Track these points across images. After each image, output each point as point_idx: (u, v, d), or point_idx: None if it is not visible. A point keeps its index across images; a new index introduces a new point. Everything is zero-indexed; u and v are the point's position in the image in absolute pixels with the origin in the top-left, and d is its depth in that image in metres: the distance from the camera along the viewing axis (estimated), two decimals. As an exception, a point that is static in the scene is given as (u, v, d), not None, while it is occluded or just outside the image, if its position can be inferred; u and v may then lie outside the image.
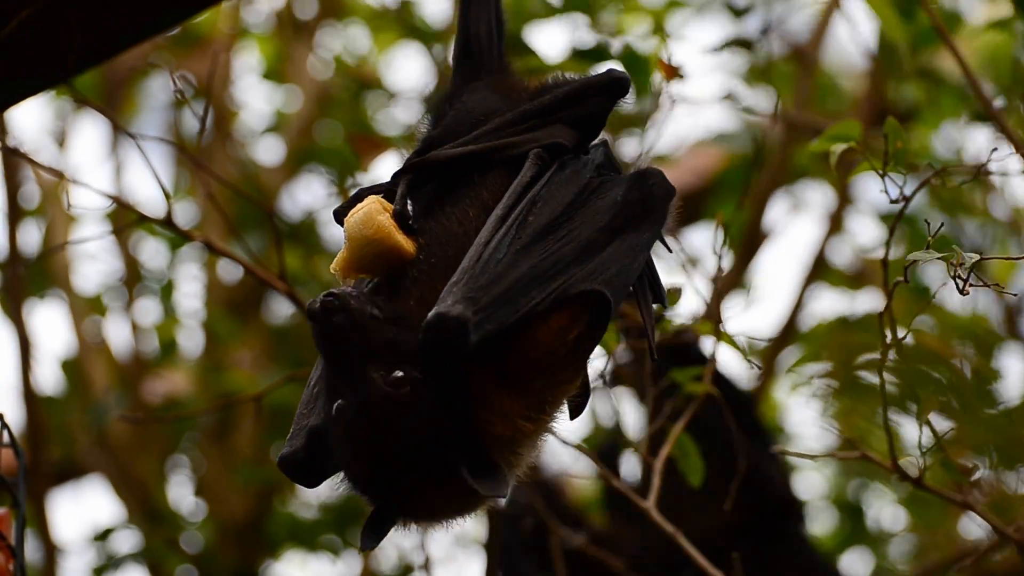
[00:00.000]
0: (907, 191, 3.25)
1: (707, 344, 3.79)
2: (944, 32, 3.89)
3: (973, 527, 5.81)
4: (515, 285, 2.71)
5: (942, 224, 3.11)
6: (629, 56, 4.27)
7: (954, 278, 2.89)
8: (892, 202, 3.26)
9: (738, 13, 4.73)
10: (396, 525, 2.75)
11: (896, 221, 3.31)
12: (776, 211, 6.15)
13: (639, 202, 2.86)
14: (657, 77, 4.17)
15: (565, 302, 2.75)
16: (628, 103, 3.09)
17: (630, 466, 5.06)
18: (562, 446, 4.05)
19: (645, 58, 4.23)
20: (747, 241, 5.77)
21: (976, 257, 2.87)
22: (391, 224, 2.82)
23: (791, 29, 5.64)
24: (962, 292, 2.88)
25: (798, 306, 5.90)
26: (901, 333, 3.12)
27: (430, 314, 2.64)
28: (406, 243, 2.83)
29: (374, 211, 2.83)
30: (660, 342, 2.94)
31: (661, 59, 3.88)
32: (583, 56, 4.36)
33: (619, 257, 2.81)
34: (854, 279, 6.40)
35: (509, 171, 2.91)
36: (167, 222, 3.84)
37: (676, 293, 3.61)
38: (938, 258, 2.90)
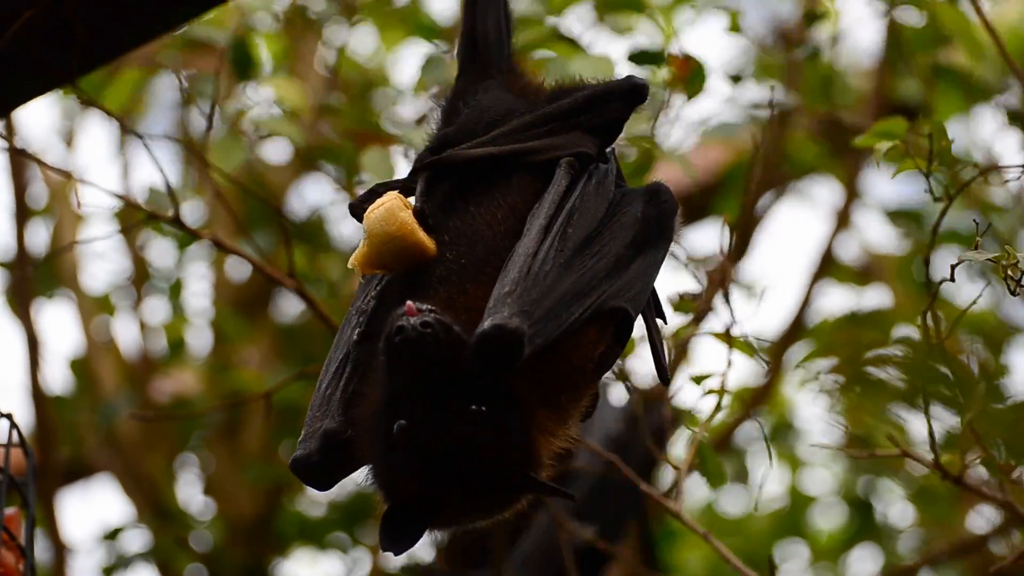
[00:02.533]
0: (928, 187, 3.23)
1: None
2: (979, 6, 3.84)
3: (982, 522, 5.82)
4: (561, 300, 2.72)
5: (990, 224, 3.09)
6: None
7: (1005, 279, 2.86)
8: (935, 200, 3.23)
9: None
10: (424, 529, 2.74)
11: (940, 219, 3.27)
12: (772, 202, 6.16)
13: (655, 219, 2.88)
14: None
15: (596, 318, 2.76)
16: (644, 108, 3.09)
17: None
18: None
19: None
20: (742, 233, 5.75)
21: None
22: (413, 221, 2.81)
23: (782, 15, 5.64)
24: (1014, 293, 2.86)
25: (806, 302, 5.89)
26: (912, 332, 3.11)
27: (487, 323, 2.64)
28: (428, 241, 2.82)
29: (396, 207, 2.81)
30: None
31: (673, 55, 3.87)
32: (638, 60, 4.27)
33: (641, 275, 2.84)
34: (862, 275, 6.40)
35: (534, 175, 2.91)
36: (175, 221, 3.85)
37: (690, 299, 3.61)
38: (990, 258, 2.88)
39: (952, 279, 3.02)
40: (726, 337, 3.52)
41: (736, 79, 4.03)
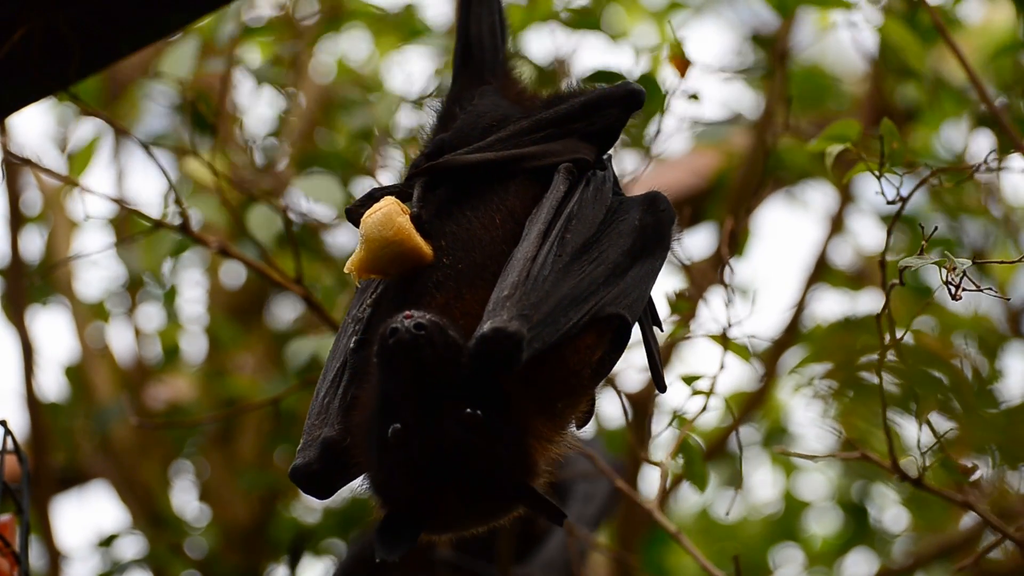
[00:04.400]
0: (904, 191, 3.26)
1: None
2: (944, 30, 3.90)
3: (975, 526, 5.82)
4: (559, 305, 2.72)
5: (936, 228, 3.11)
6: (646, 80, 4.22)
7: (946, 283, 2.90)
8: (889, 203, 3.27)
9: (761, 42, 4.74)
10: (419, 535, 2.74)
11: (893, 222, 3.33)
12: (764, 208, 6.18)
13: (653, 228, 2.89)
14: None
15: (593, 324, 2.76)
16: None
17: None
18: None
19: (659, 83, 4.19)
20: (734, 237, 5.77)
21: (968, 263, 2.89)
22: (410, 225, 2.81)
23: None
24: (955, 297, 2.89)
25: (800, 307, 5.90)
26: (900, 333, 3.13)
27: (486, 326, 2.64)
28: (424, 246, 2.81)
29: (393, 212, 2.81)
30: None
31: (675, 56, 3.88)
32: (601, 78, 4.32)
33: (638, 282, 2.84)
34: (855, 280, 6.40)
35: (531, 181, 2.91)
36: (183, 228, 3.86)
37: (685, 300, 3.61)
38: (932, 263, 2.91)
39: (902, 283, 3.06)
40: (721, 339, 3.52)
41: (694, 97, 4.05)
